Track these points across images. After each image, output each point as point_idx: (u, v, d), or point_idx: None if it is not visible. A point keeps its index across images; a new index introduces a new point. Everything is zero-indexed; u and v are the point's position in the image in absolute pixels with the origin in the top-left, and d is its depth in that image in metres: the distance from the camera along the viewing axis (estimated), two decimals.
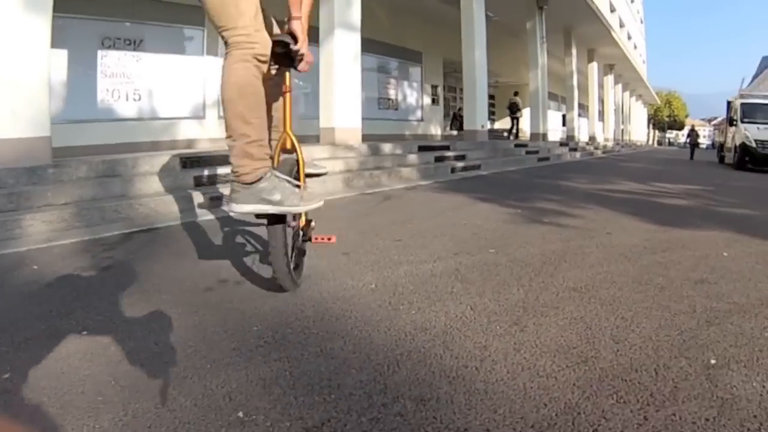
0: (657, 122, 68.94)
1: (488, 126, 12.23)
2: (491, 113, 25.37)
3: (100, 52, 8.33)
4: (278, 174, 2.02)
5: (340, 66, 7.68)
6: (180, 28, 9.34)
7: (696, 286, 2.42)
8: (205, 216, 4.39)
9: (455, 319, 1.98)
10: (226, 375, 1.50)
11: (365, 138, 8.23)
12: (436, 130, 17.61)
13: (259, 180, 1.95)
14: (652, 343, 1.70)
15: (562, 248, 3.25)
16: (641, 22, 41.33)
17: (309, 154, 2.33)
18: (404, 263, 2.83)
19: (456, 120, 20.12)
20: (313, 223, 2.46)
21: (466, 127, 11.72)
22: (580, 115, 22.07)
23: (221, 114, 9.38)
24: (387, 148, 8.05)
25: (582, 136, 22.48)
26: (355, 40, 7.91)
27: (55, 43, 7.81)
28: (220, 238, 3.63)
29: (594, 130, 22.59)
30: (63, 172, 4.69)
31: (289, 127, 2.25)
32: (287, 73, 2.25)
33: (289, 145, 2.25)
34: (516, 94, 18.76)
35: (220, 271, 2.65)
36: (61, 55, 7.94)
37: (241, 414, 1.30)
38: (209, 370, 1.54)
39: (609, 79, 25.73)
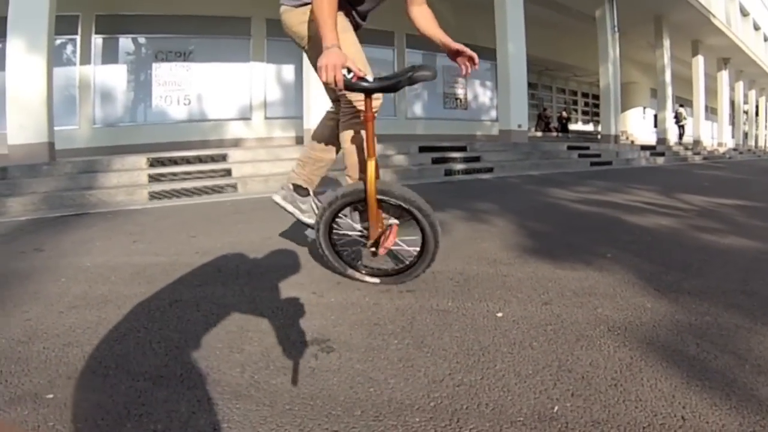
0: None
1: (526, 126, 11.82)
2: (594, 114, 24.07)
3: (154, 65, 10.06)
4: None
5: None
6: (226, 38, 10.76)
7: None
8: (137, 205, 5.36)
9: None
10: None
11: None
12: None
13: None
14: None
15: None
16: None
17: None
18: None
19: (541, 120, 19.58)
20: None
21: (500, 127, 11.49)
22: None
23: (267, 115, 10.77)
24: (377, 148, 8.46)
25: (687, 139, 20.37)
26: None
27: (116, 59, 9.78)
28: (133, 222, 4.30)
29: (699, 132, 20.08)
30: (53, 169, 6.14)
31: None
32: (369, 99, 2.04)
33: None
34: (681, 105, 19.51)
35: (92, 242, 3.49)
36: (121, 70, 9.86)
37: None
38: None
39: (723, 74, 22.49)
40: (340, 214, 2.25)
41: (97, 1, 9.65)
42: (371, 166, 2.07)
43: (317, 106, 8.15)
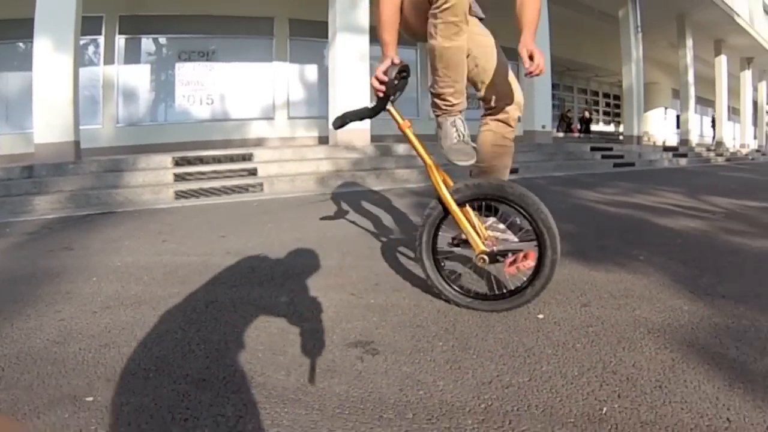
0: None
1: (550, 126, 11.71)
2: (616, 114, 23.77)
3: (177, 65, 10.11)
4: None
5: (343, 67, 8.02)
6: (248, 38, 10.78)
7: None
8: (163, 204, 5.36)
9: None
10: None
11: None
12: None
13: None
14: None
15: None
16: None
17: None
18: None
19: (563, 121, 19.39)
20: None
21: (525, 128, 11.37)
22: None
23: (290, 115, 10.76)
24: (401, 149, 8.32)
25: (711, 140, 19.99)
26: (362, 40, 8.11)
27: (140, 59, 9.83)
28: (160, 221, 4.26)
29: (722, 133, 19.69)
30: (79, 168, 6.17)
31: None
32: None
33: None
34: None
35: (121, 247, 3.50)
36: (144, 70, 9.91)
37: None
38: None
39: (746, 74, 22.00)
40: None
41: (120, 2, 9.72)
42: (432, 173, 1.96)
43: (342, 106, 8.06)
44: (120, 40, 9.77)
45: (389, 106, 1.96)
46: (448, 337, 1.74)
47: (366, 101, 7.95)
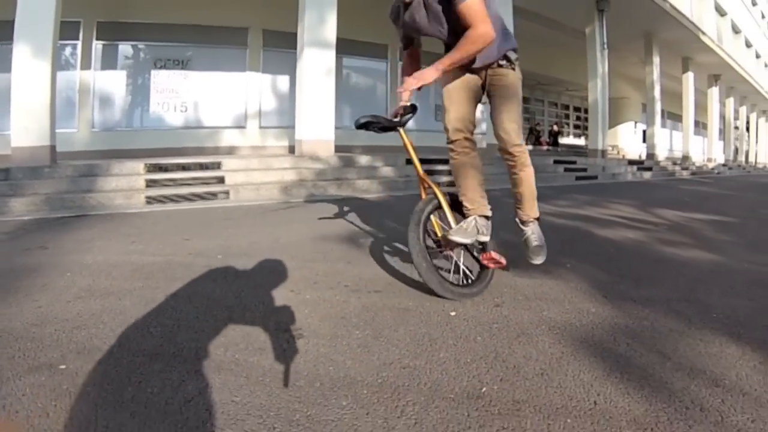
0: None
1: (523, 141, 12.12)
2: (586, 127, 24.40)
3: (152, 72, 10.37)
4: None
5: (309, 81, 8.31)
6: (223, 48, 11.06)
7: None
8: (134, 209, 5.66)
9: None
10: None
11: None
12: None
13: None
14: None
15: None
16: None
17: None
18: None
19: (532, 134, 20.01)
20: None
21: (488, 140, 11.78)
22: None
23: (262, 124, 11.08)
24: (363, 160, 8.74)
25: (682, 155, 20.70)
26: (328, 56, 8.44)
27: (116, 65, 10.07)
28: (130, 225, 4.59)
29: (688, 147, 20.44)
30: (55, 171, 6.42)
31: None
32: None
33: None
34: None
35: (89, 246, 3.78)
36: (121, 76, 10.15)
37: None
38: None
39: (714, 91, 22.90)
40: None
41: (98, 8, 9.90)
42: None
43: (308, 118, 8.39)
44: (97, 46, 9.98)
45: (401, 131, 2.65)
46: (365, 328, 2.08)
47: (332, 114, 8.34)
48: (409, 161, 8.81)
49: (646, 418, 1.41)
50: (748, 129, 33.24)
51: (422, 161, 2.73)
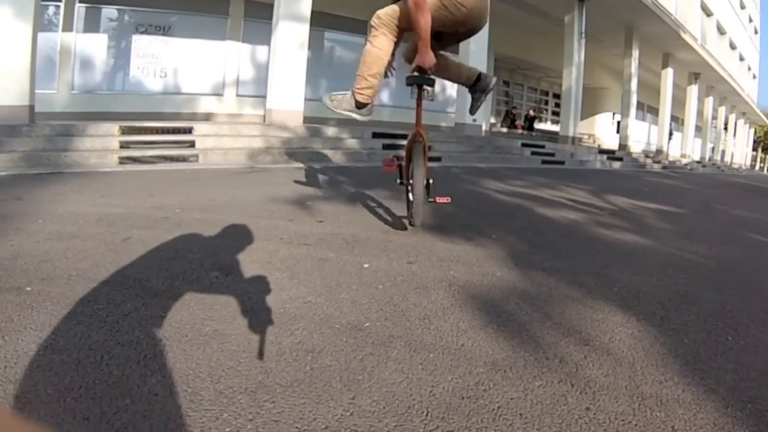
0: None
1: (482, 120, 12.45)
2: (555, 113, 24.85)
3: (134, 36, 10.55)
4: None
5: (282, 53, 8.61)
6: (205, 16, 11.24)
7: None
8: (107, 168, 5.98)
9: None
10: None
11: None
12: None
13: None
14: None
15: None
16: (755, 32, 35.65)
17: None
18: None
19: (508, 117, 20.36)
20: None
21: (456, 120, 12.13)
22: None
23: (239, 92, 11.35)
24: (330, 131, 9.00)
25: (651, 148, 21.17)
26: (302, 29, 8.73)
27: (98, 29, 10.23)
28: (102, 182, 4.90)
29: (662, 142, 20.70)
30: (32, 130, 6.69)
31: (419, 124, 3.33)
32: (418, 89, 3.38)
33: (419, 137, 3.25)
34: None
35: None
36: (102, 39, 10.33)
37: None
38: None
39: (693, 89, 23.05)
40: None
41: None
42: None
43: (280, 90, 8.66)
44: (80, 9, 10.09)
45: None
46: (285, 271, 2.45)
47: (302, 86, 8.65)
48: (376, 134, 9.28)
49: (504, 362, 1.59)
50: (726, 129, 33.85)
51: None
